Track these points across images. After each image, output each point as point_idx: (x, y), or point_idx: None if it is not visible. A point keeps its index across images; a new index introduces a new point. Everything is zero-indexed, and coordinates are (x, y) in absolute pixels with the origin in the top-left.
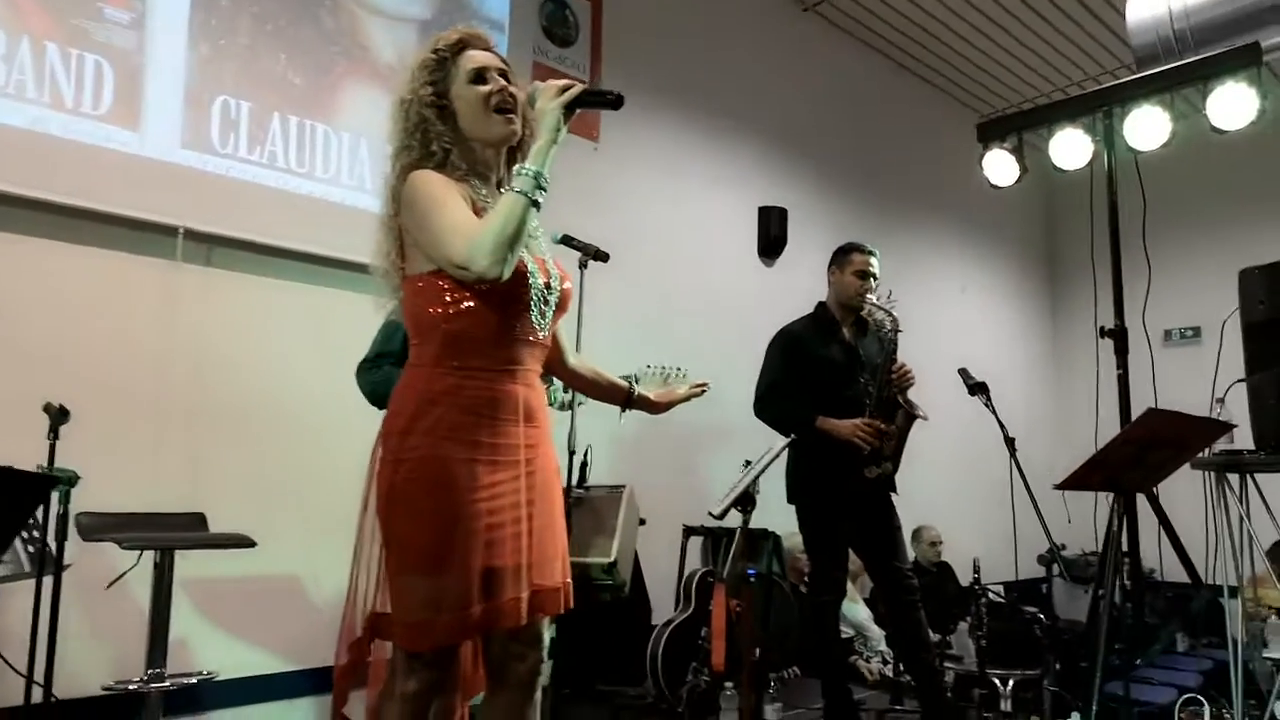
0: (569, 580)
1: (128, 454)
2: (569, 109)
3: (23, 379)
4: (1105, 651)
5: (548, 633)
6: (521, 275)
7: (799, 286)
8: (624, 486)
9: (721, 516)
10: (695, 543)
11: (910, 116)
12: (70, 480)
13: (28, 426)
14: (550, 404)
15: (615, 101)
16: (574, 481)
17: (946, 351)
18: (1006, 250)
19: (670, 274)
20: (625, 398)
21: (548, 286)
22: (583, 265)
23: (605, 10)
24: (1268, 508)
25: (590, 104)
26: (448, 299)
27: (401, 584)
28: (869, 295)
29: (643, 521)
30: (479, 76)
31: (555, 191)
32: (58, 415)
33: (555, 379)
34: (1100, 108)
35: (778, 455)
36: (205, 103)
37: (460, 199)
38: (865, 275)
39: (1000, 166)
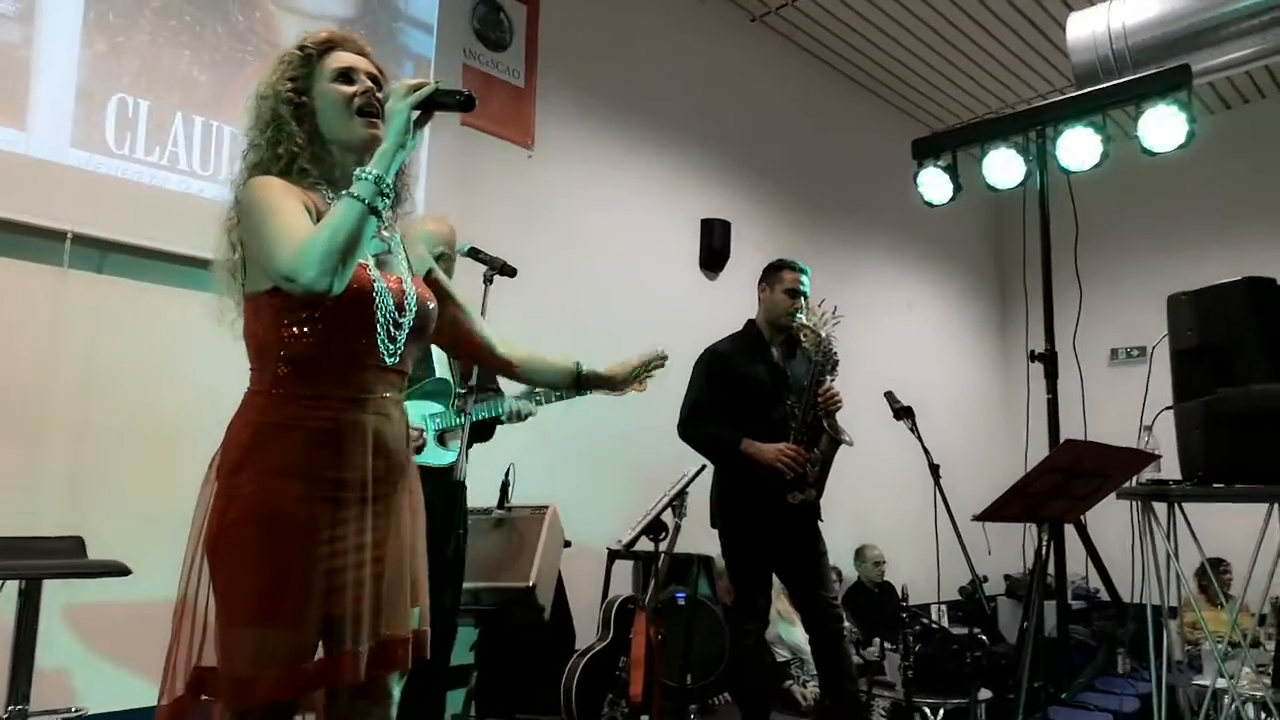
0: (426, 629)
1: (2, 474)
2: (419, 109)
3: None
4: (1034, 679)
5: (397, 687)
6: (364, 294)
7: (741, 300)
8: (547, 507)
9: (629, 546)
10: (624, 567)
11: (857, 130)
12: None
13: None
14: (499, 417)
15: (466, 102)
16: (496, 501)
17: (888, 372)
18: (955, 269)
19: (609, 286)
20: (574, 379)
21: (399, 307)
22: (488, 280)
23: (542, 13)
24: (1194, 535)
25: (442, 105)
26: (285, 320)
27: (229, 636)
28: (798, 314)
29: (567, 544)
30: (344, 76)
31: (485, 201)
32: None
33: (504, 395)
34: (1033, 127)
35: (688, 484)
36: (99, 101)
37: (298, 206)
38: (796, 293)
39: (934, 184)
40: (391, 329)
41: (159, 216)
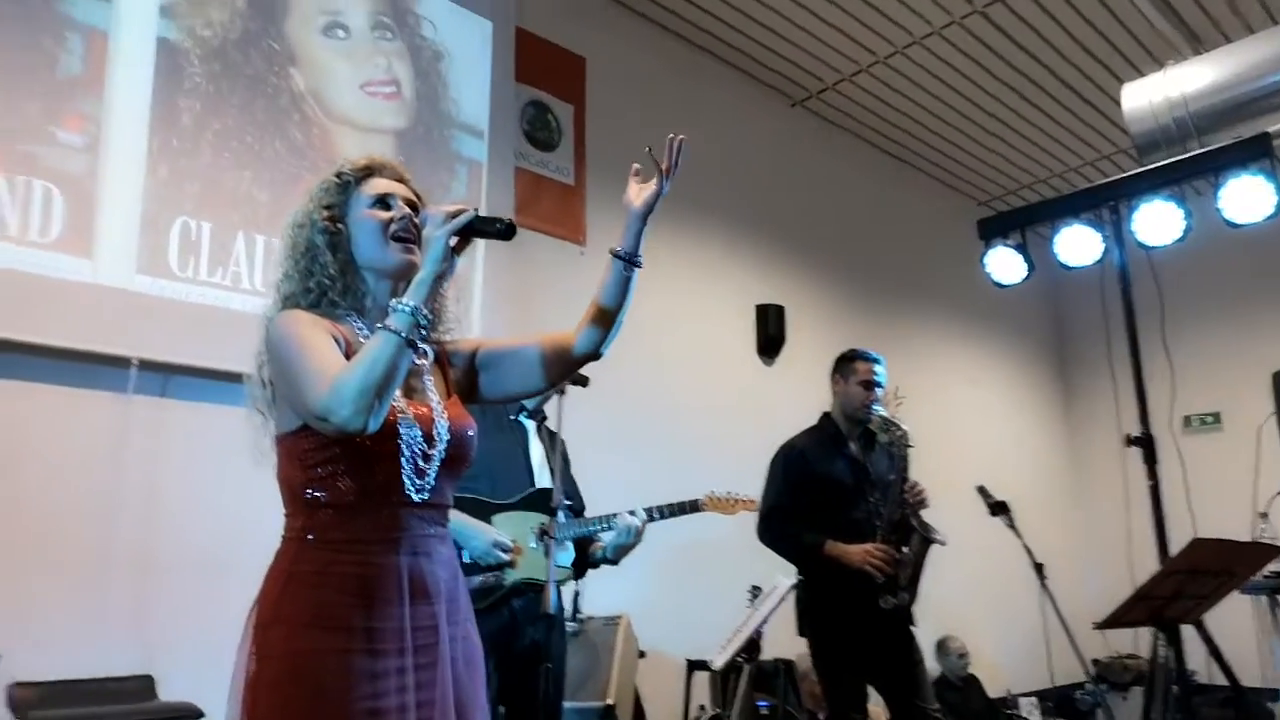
0: None
1: (70, 611)
2: (457, 236)
3: None
4: None
5: None
6: (388, 428)
7: (800, 385)
8: (620, 617)
9: (724, 670)
10: (701, 678)
11: (907, 208)
12: None
13: None
14: (596, 540)
15: (506, 231)
16: (568, 612)
17: (958, 459)
18: (1016, 348)
19: (666, 378)
20: (620, 265)
21: (427, 439)
22: (561, 392)
23: (588, 111)
24: None
25: (481, 233)
26: (311, 461)
27: None
28: (875, 406)
29: (642, 654)
30: (380, 202)
31: (542, 301)
32: None
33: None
34: (1105, 203)
35: (782, 599)
36: (163, 226)
37: (328, 339)
38: (871, 385)
39: (1005, 265)
40: (419, 463)
41: (223, 336)
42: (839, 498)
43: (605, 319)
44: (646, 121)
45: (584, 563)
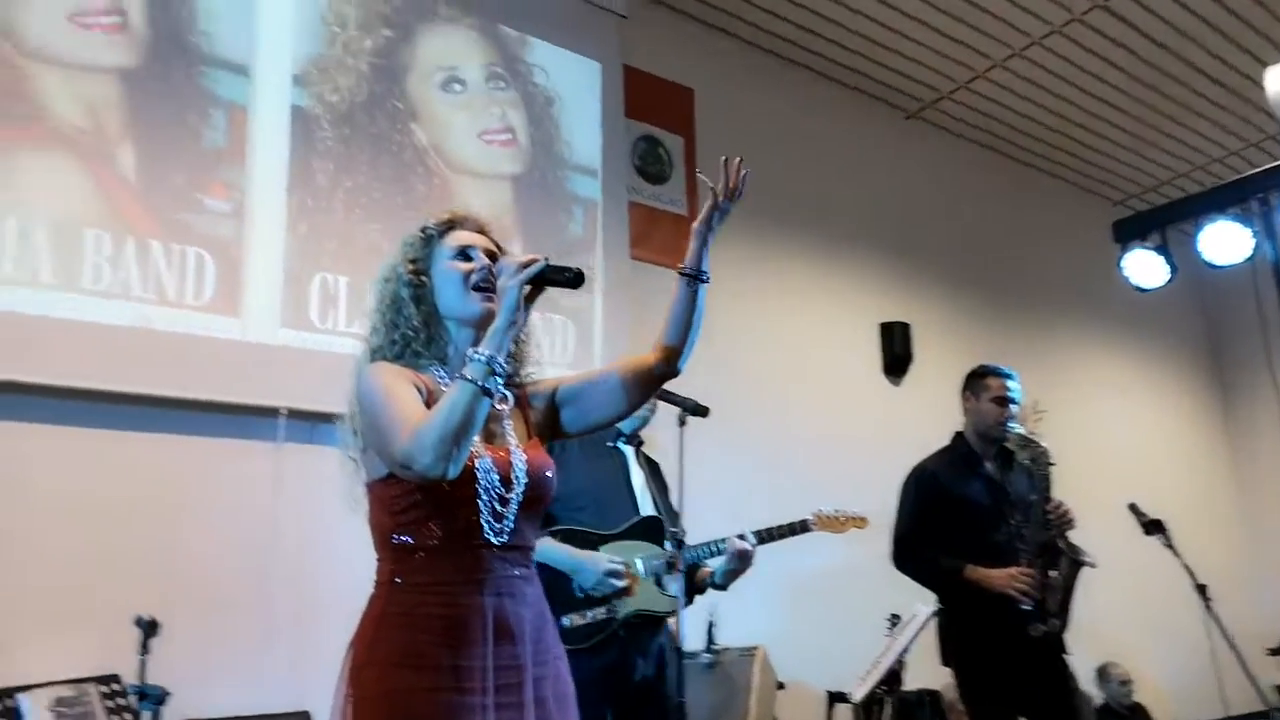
0: None
1: (233, 650)
2: (530, 285)
3: (121, 582)
4: None
5: None
6: (465, 473)
7: (930, 405)
8: (757, 648)
9: (866, 702)
10: (843, 710)
11: (1036, 213)
12: (159, 698)
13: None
14: (703, 567)
15: (575, 279)
16: (703, 643)
17: (1106, 475)
18: (1164, 354)
19: (789, 403)
20: (687, 280)
21: (505, 482)
22: (681, 423)
23: (698, 141)
24: None
25: (553, 281)
26: (397, 506)
27: None
28: (1011, 423)
29: (781, 686)
30: (461, 254)
31: (651, 336)
32: (148, 628)
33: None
34: (1254, 195)
35: (921, 629)
36: (304, 281)
37: (410, 389)
38: (1005, 401)
39: (1144, 267)
40: (497, 506)
41: None
42: (976, 520)
43: (678, 336)
44: (757, 146)
45: (691, 589)
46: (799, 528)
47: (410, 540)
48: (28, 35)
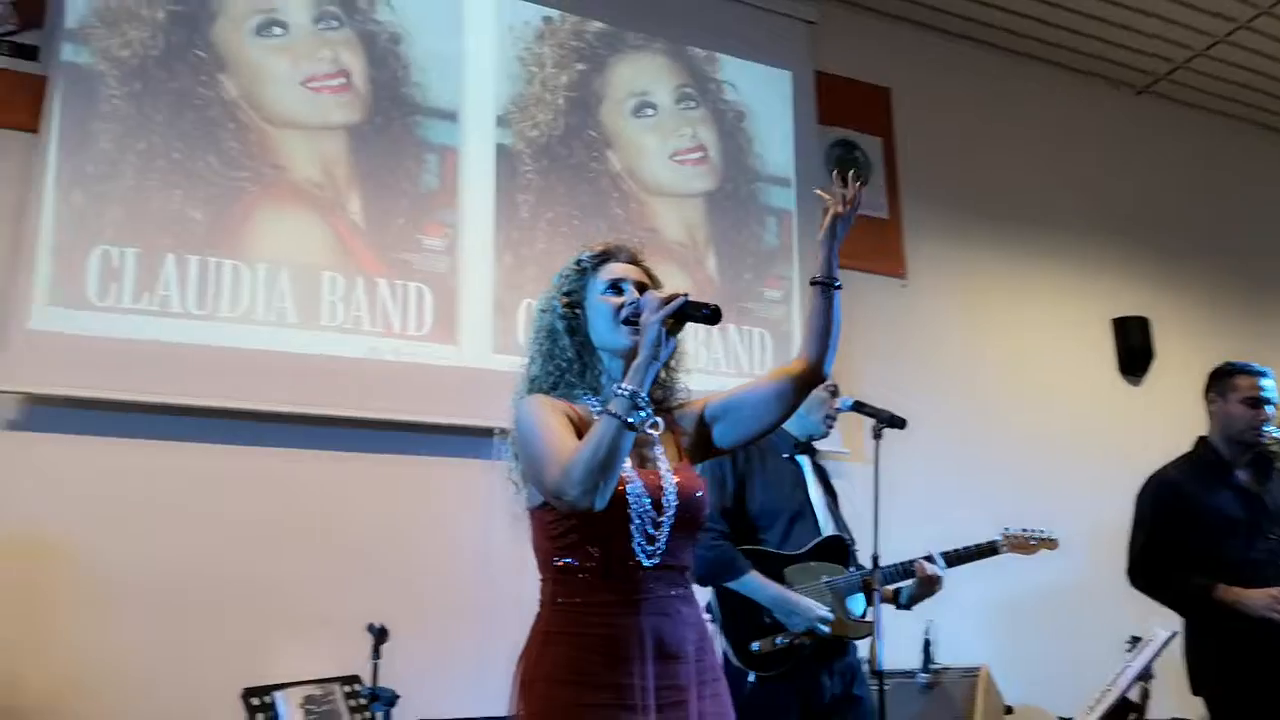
0: None
1: (454, 657)
2: (672, 320)
3: (356, 591)
4: None
5: None
6: (617, 498)
7: (1175, 406)
8: (979, 668)
9: None
10: None
11: None
12: (390, 700)
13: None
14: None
15: (712, 316)
16: (919, 662)
17: None
18: None
19: (1002, 409)
20: (820, 291)
21: (656, 505)
22: (876, 435)
23: (897, 139)
24: None
25: (692, 317)
26: (555, 531)
27: None
28: (1268, 426)
29: (1009, 710)
30: (613, 288)
31: (862, 343)
32: (379, 634)
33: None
34: None
35: (1157, 654)
36: (510, 309)
37: (561, 421)
38: (1257, 402)
39: None
40: (649, 529)
41: None
42: (1227, 535)
43: (819, 343)
44: (962, 139)
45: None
46: (988, 549)
47: (571, 562)
48: (269, 103)
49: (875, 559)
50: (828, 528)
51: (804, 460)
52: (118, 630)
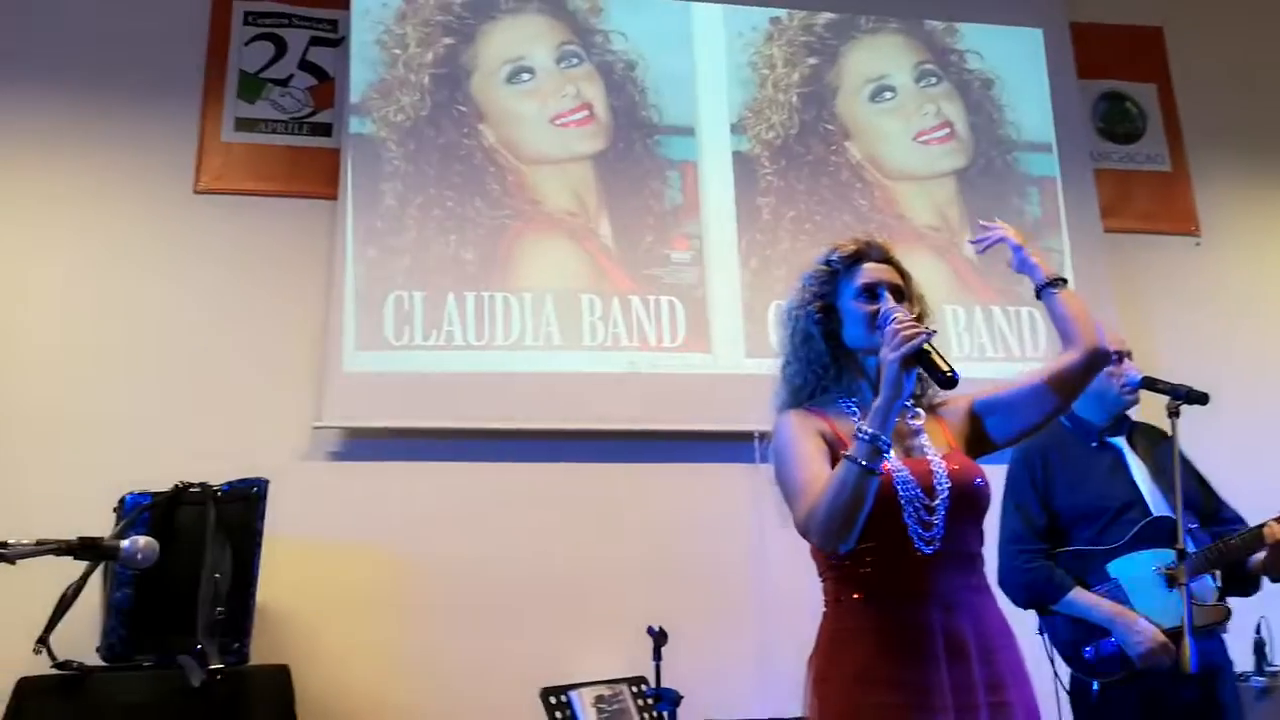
0: None
1: (732, 658)
2: (911, 361)
3: (630, 596)
4: None
5: None
6: (886, 491)
7: None
8: None
9: None
10: None
11: None
12: (675, 700)
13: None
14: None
15: (945, 381)
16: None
17: None
18: None
19: None
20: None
21: (927, 491)
22: (1173, 413)
23: (1175, 84)
24: None
25: (928, 368)
26: None
27: None
28: None
29: None
30: (865, 292)
31: (1149, 312)
32: (659, 637)
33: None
34: None
35: None
36: (760, 312)
37: (815, 448)
38: None
39: None
40: (923, 515)
41: None
42: None
43: (1074, 334)
44: (1250, 74)
45: (1246, 582)
46: None
47: (850, 560)
48: (522, 143)
49: (1181, 552)
50: (1159, 508)
51: (1119, 442)
52: (433, 631)
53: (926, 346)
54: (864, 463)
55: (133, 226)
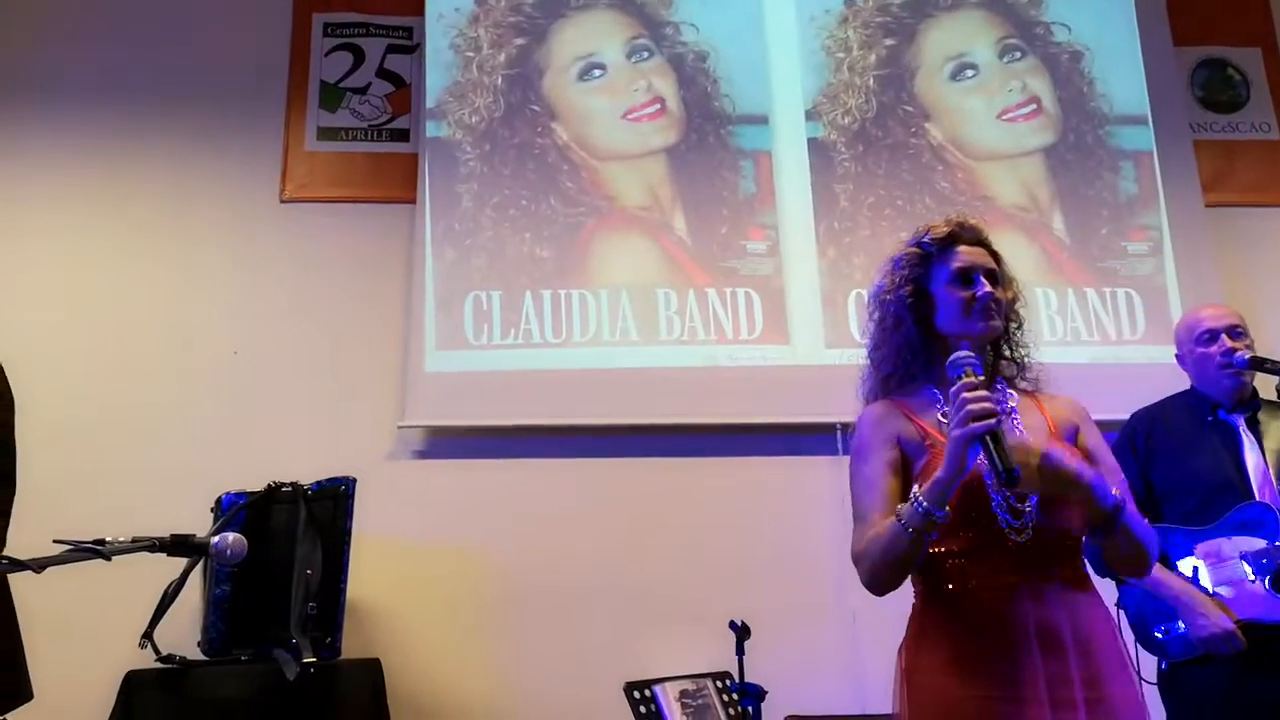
0: None
1: (818, 653)
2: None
3: (711, 590)
4: None
5: None
6: (974, 482)
7: None
8: None
9: None
10: None
11: None
12: (759, 695)
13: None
14: None
15: (1004, 477)
16: None
17: None
18: None
19: None
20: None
21: (1009, 476)
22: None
23: None
24: None
25: (990, 456)
26: None
27: None
28: None
29: None
30: (961, 277)
31: (1265, 288)
32: (741, 632)
33: None
34: None
35: None
36: (839, 302)
37: (881, 466)
38: None
39: None
40: (1014, 505)
41: None
42: None
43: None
44: None
45: None
46: None
47: (941, 549)
48: (595, 140)
49: (1275, 547)
50: (1267, 493)
51: (1235, 420)
52: (517, 626)
53: (989, 438)
54: (913, 529)
55: (223, 237)
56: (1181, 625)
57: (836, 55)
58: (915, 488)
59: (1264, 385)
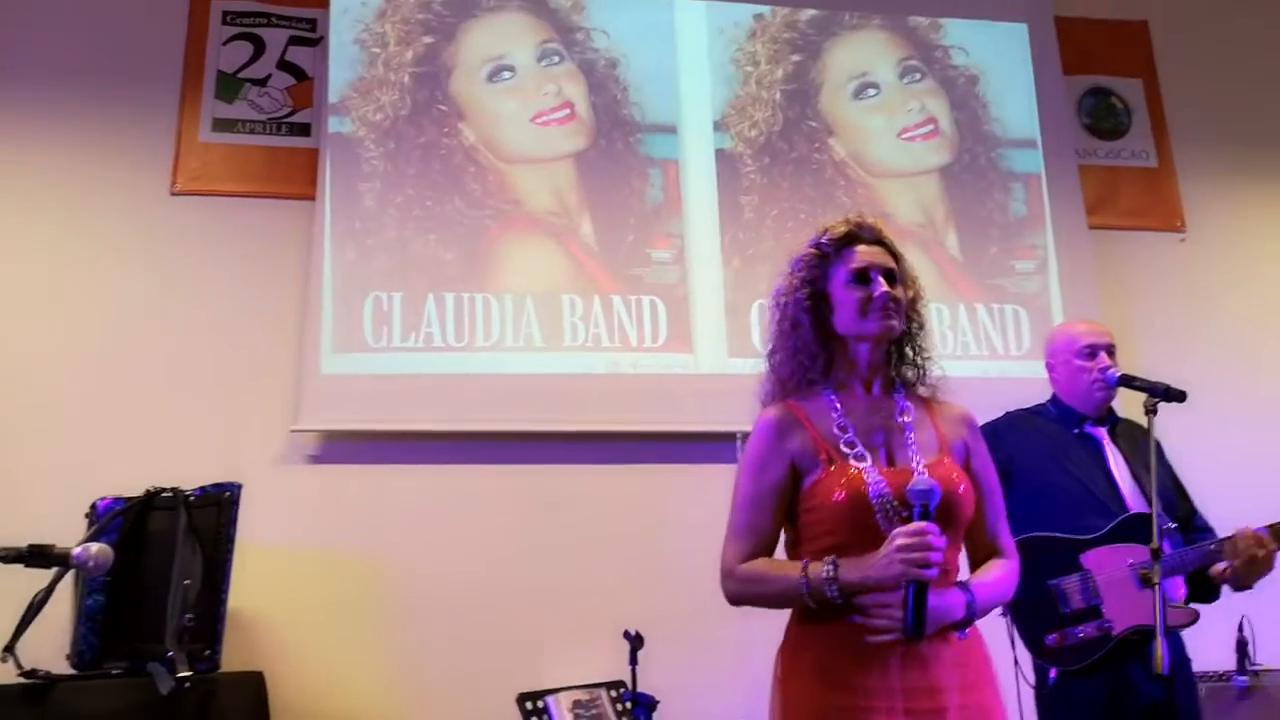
0: None
1: (709, 664)
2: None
3: (607, 599)
4: None
5: None
6: (858, 498)
7: None
8: None
9: None
10: None
11: None
12: (650, 705)
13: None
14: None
15: (913, 628)
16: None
17: None
18: None
19: None
20: None
21: (905, 504)
22: (1150, 410)
23: (1161, 79)
24: None
25: (909, 597)
26: (806, 536)
27: None
28: None
29: None
30: (858, 277)
31: (1132, 309)
32: (635, 641)
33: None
34: None
35: None
36: (742, 311)
37: (766, 488)
38: None
39: None
40: (897, 525)
41: None
42: None
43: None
44: (1237, 69)
45: (1206, 589)
46: None
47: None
48: (503, 143)
49: (1155, 551)
50: (1136, 505)
51: (1098, 432)
52: (410, 636)
53: (917, 587)
54: (807, 595)
55: (109, 228)
56: (1077, 632)
57: (745, 68)
58: (830, 562)
59: (1128, 402)
